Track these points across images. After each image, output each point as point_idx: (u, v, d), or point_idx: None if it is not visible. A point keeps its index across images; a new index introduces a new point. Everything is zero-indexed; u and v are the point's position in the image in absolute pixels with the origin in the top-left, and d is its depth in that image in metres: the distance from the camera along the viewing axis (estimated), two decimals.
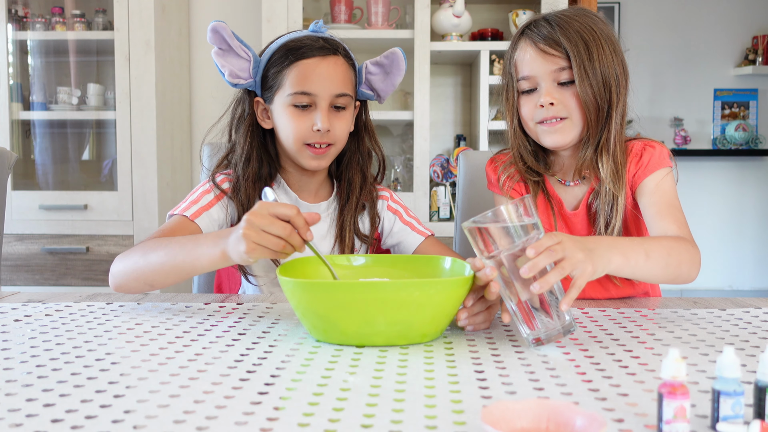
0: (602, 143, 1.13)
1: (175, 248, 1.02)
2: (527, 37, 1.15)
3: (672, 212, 1.11)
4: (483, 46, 2.56)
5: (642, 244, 0.96)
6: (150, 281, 1.04)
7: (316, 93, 1.18)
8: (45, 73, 2.70)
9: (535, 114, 1.14)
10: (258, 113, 1.25)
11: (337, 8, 2.61)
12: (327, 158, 1.23)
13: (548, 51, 1.12)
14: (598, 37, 1.11)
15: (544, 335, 0.81)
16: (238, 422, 0.58)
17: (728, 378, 0.55)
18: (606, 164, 1.13)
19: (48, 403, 0.63)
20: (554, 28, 1.12)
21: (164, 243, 1.04)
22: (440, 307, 0.82)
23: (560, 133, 1.14)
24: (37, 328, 0.91)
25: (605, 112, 1.12)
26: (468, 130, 2.88)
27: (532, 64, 1.13)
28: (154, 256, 1.03)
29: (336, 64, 1.20)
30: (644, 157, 1.15)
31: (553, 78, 1.12)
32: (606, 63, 1.11)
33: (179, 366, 0.74)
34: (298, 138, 1.19)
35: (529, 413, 0.55)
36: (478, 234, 0.82)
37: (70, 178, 2.74)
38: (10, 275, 2.52)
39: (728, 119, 4.62)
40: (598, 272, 0.86)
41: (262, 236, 0.88)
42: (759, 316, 0.98)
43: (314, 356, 0.78)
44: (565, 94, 1.12)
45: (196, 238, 1.02)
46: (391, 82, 1.28)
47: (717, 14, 4.57)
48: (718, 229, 4.59)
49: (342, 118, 1.22)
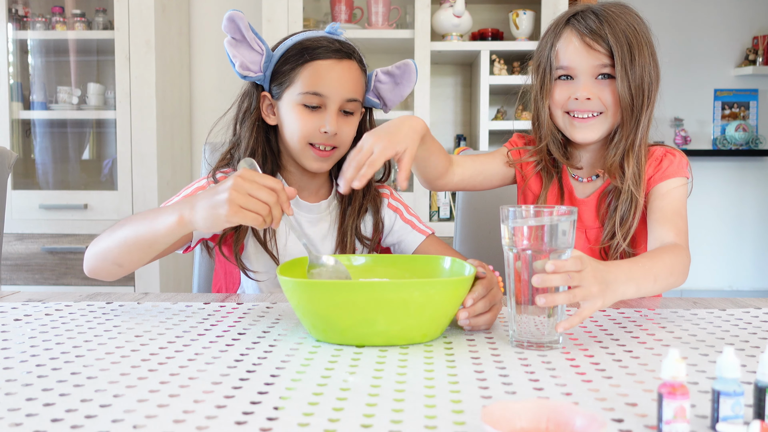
0: (630, 145, 1.14)
1: (138, 221, 1.00)
2: (573, 27, 1.14)
3: (675, 220, 1.11)
4: (483, 46, 2.56)
5: (651, 269, 0.95)
6: (118, 261, 1.03)
7: (328, 95, 1.18)
8: (45, 73, 2.70)
9: (568, 103, 1.14)
10: (263, 108, 1.24)
11: (337, 8, 2.61)
12: (330, 161, 1.23)
13: (593, 46, 1.11)
14: (640, 39, 1.12)
15: (527, 341, 0.81)
16: (238, 422, 0.58)
17: (728, 378, 0.55)
18: (631, 166, 1.14)
19: (48, 403, 0.63)
20: (602, 22, 1.11)
21: (130, 219, 1.03)
22: (440, 307, 0.82)
23: (592, 129, 1.14)
24: (37, 328, 0.91)
25: (638, 114, 1.13)
26: (468, 130, 2.88)
27: (575, 55, 1.12)
28: (120, 233, 1.02)
29: (350, 69, 1.20)
30: (663, 163, 1.17)
31: (592, 72, 1.12)
32: (644, 65, 1.12)
33: (179, 366, 0.74)
34: (304, 137, 1.19)
35: (529, 413, 0.55)
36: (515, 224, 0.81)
37: (70, 177, 2.74)
38: (10, 275, 2.52)
39: (728, 119, 4.62)
40: (606, 305, 0.85)
41: (249, 200, 0.88)
42: (759, 316, 0.98)
43: (314, 356, 0.78)
44: (603, 90, 1.13)
45: (155, 211, 1.00)
46: (399, 93, 1.28)
47: (717, 14, 4.57)
48: (718, 229, 4.59)
49: (349, 123, 1.22)
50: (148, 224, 0.99)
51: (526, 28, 2.63)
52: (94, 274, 1.08)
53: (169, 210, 0.97)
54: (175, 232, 0.96)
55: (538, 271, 0.78)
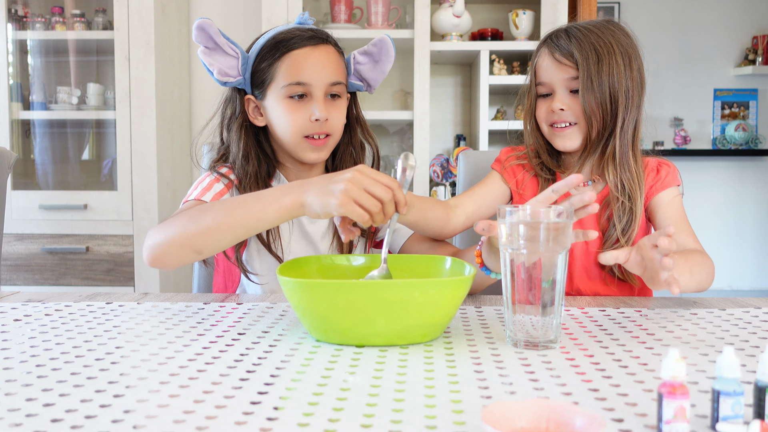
0: (608, 153, 1.20)
1: (230, 207, 0.98)
2: (547, 46, 1.24)
3: (687, 227, 1.21)
4: (483, 46, 2.56)
5: (687, 263, 1.04)
6: (198, 247, 1.00)
7: (311, 82, 1.18)
8: (45, 73, 2.70)
9: (548, 117, 1.23)
10: (249, 111, 1.24)
11: (337, 8, 2.61)
12: (326, 149, 1.23)
13: (562, 61, 1.20)
14: (613, 50, 1.17)
15: (523, 341, 0.81)
16: (238, 422, 0.58)
17: (728, 378, 0.55)
18: (612, 174, 1.20)
19: (48, 403, 0.63)
20: (571, 40, 1.20)
21: (215, 205, 1.00)
22: (440, 307, 0.82)
23: (569, 138, 1.23)
24: (37, 328, 0.91)
25: (610, 123, 1.19)
26: (468, 130, 2.88)
27: (548, 71, 1.22)
28: (207, 218, 0.98)
29: (328, 53, 1.21)
30: (662, 173, 1.24)
31: (566, 86, 1.21)
32: (616, 75, 1.17)
33: (179, 366, 0.74)
34: (297, 131, 1.19)
35: (529, 413, 0.55)
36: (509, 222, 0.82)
37: (70, 177, 2.74)
38: (10, 275, 2.52)
39: (728, 119, 4.62)
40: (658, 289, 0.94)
41: (363, 195, 0.89)
42: (759, 316, 0.98)
43: (314, 356, 0.78)
44: (575, 102, 1.20)
45: (255, 194, 0.98)
46: (381, 69, 1.28)
47: (717, 14, 4.57)
48: (718, 228, 4.60)
49: (338, 107, 1.22)
50: (248, 207, 0.96)
51: (525, 28, 2.63)
52: (158, 262, 1.03)
53: (277, 193, 0.96)
54: (286, 215, 0.95)
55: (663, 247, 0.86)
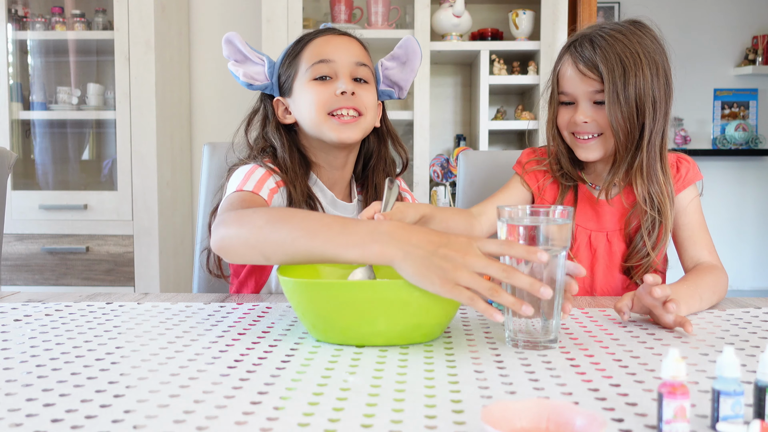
0: (636, 166, 1.16)
1: (312, 228, 0.85)
2: (571, 55, 1.18)
3: (703, 236, 1.21)
4: (483, 45, 2.56)
5: (697, 290, 1.02)
6: (268, 254, 0.89)
7: (335, 59, 1.16)
8: (45, 73, 2.70)
9: (570, 126, 1.20)
10: (279, 114, 1.23)
11: (337, 8, 2.61)
12: (356, 128, 1.15)
13: (586, 73, 1.15)
14: (639, 60, 1.13)
15: (522, 341, 0.81)
16: (238, 422, 0.58)
17: (728, 378, 0.55)
18: (641, 186, 1.17)
19: (48, 403, 0.63)
20: (596, 50, 1.14)
21: (295, 218, 0.88)
22: (440, 307, 0.82)
23: (593, 150, 1.19)
24: (37, 328, 0.91)
25: (637, 135, 1.15)
26: (468, 130, 2.88)
27: (572, 82, 1.18)
28: (284, 230, 0.87)
29: (350, 40, 1.21)
30: (681, 170, 1.22)
31: (589, 98, 1.17)
32: (644, 86, 1.13)
33: (179, 366, 0.74)
34: (321, 107, 1.15)
35: (529, 413, 0.55)
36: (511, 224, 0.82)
37: (70, 177, 2.74)
38: (10, 275, 2.52)
39: (728, 119, 4.62)
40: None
41: (475, 279, 0.74)
42: (759, 316, 0.98)
43: (314, 356, 0.78)
44: (599, 113, 1.16)
45: (341, 223, 0.84)
46: (410, 68, 1.26)
47: (717, 14, 4.57)
48: (718, 228, 4.58)
49: (366, 89, 1.18)
50: (330, 239, 0.83)
51: (525, 28, 2.63)
52: (225, 253, 0.94)
53: (365, 235, 0.81)
54: (367, 262, 0.84)
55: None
